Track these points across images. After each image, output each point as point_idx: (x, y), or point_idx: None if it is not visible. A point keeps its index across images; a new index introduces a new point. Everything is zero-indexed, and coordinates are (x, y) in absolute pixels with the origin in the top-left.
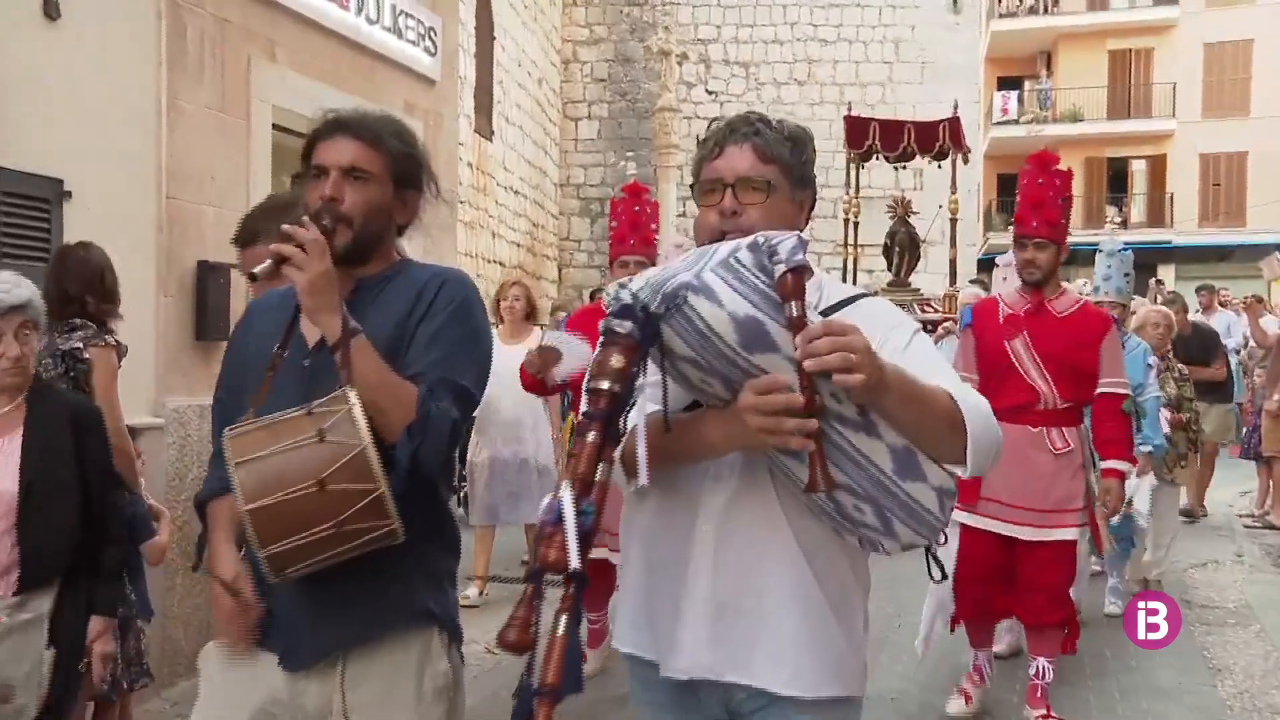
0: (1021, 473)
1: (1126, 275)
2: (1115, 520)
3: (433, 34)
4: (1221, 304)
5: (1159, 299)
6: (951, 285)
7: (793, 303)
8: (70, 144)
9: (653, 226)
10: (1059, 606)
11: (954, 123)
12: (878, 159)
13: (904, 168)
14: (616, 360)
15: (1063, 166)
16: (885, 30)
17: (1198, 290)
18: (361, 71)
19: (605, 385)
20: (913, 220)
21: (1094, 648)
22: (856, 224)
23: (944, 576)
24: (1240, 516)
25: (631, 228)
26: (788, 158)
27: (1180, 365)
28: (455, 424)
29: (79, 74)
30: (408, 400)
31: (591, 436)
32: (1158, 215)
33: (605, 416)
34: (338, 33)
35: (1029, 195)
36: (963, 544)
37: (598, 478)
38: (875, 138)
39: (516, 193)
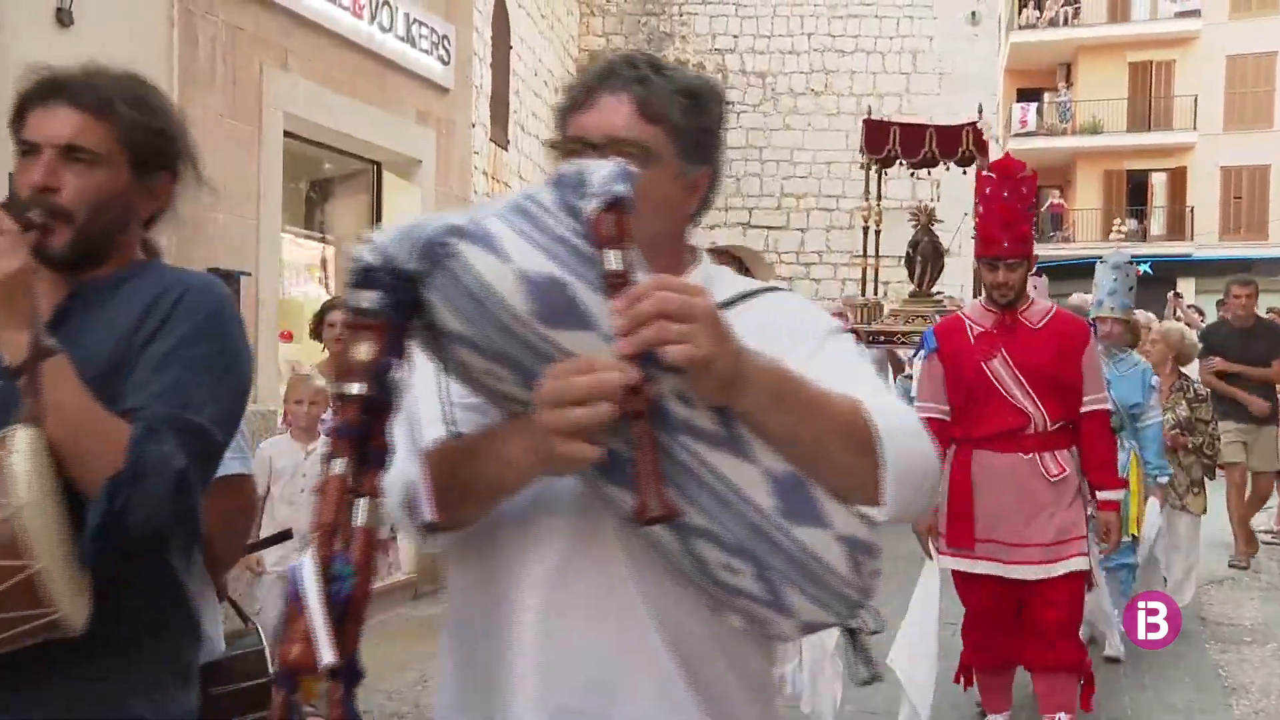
0: (1020, 506)
1: (1130, 289)
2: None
3: (446, 42)
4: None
5: (1178, 313)
6: (975, 298)
7: (611, 252)
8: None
9: None
10: (1072, 648)
11: (977, 127)
12: (900, 165)
13: (926, 175)
14: (363, 350)
15: (1081, 179)
16: (903, 41)
17: (1219, 303)
18: (374, 79)
19: (352, 389)
20: (936, 230)
21: (1106, 666)
22: (878, 233)
23: (872, 678)
24: (1259, 533)
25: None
26: (679, 118)
27: (1197, 384)
28: (181, 474)
29: None
30: (116, 443)
31: (339, 466)
32: (1178, 228)
33: (356, 433)
34: (350, 40)
35: (998, 212)
36: (962, 596)
37: (358, 522)
38: (896, 142)
39: None
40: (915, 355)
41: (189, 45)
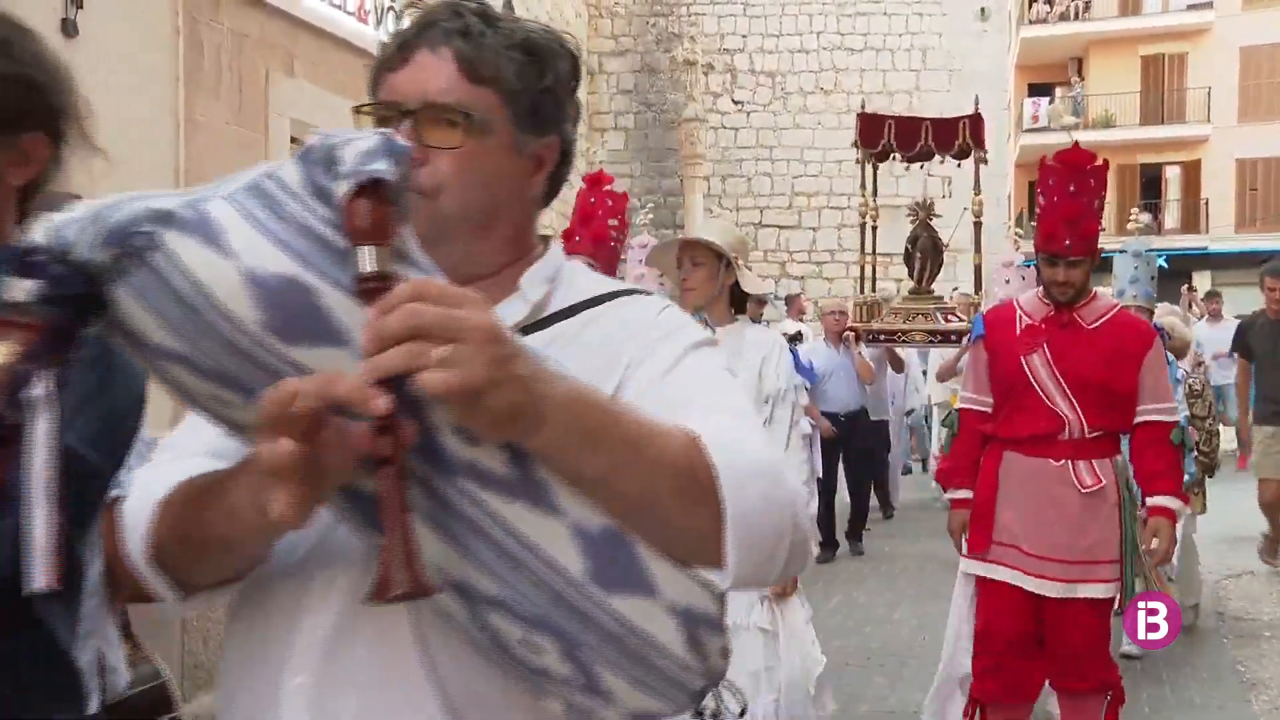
0: (1044, 513)
1: (1152, 278)
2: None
3: None
4: None
5: (1194, 306)
6: (976, 293)
7: (365, 249)
8: (87, 160)
9: (611, 223)
10: (1098, 668)
11: (974, 119)
12: (895, 159)
13: (930, 173)
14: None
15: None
16: (912, 38)
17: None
18: None
19: None
20: (936, 225)
21: (1123, 663)
22: (875, 229)
23: None
24: None
25: (581, 221)
26: (514, 79)
27: (1193, 378)
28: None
29: (96, 90)
30: None
31: None
32: (1192, 221)
33: None
34: (355, 45)
35: (1062, 208)
36: (980, 607)
37: None
38: (891, 136)
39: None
40: (966, 340)
41: (194, 52)
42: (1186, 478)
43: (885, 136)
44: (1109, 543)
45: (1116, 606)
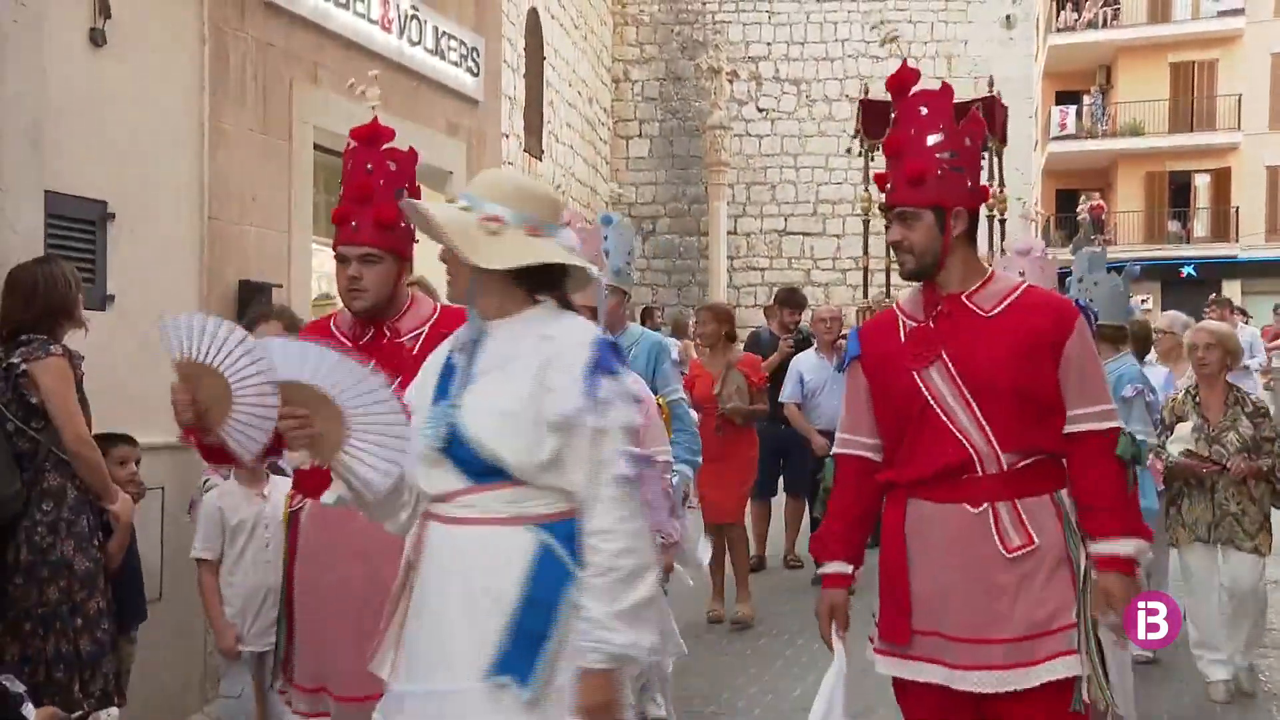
0: (969, 583)
1: (1126, 296)
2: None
3: (475, 55)
4: None
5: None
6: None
7: None
8: (115, 167)
9: (399, 193)
10: None
11: (989, 102)
12: None
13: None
14: None
15: (1123, 181)
16: (938, 46)
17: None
18: (404, 93)
19: None
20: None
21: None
22: (887, 226)
23: None
24: None
25: (357, 199)
26: None
27: (1254, 395)
28: None
29: (123, 99)
30: None
31: None
32: (1222, 230)
33: None
34: (380, 54)
35: (900, 134)
36: (905, 714)
37: None
38: None
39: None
40: (839, 367)
41: (220, 61)
42: (1144, 502)
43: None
44: (1062, 605)
45: (1084, 698)
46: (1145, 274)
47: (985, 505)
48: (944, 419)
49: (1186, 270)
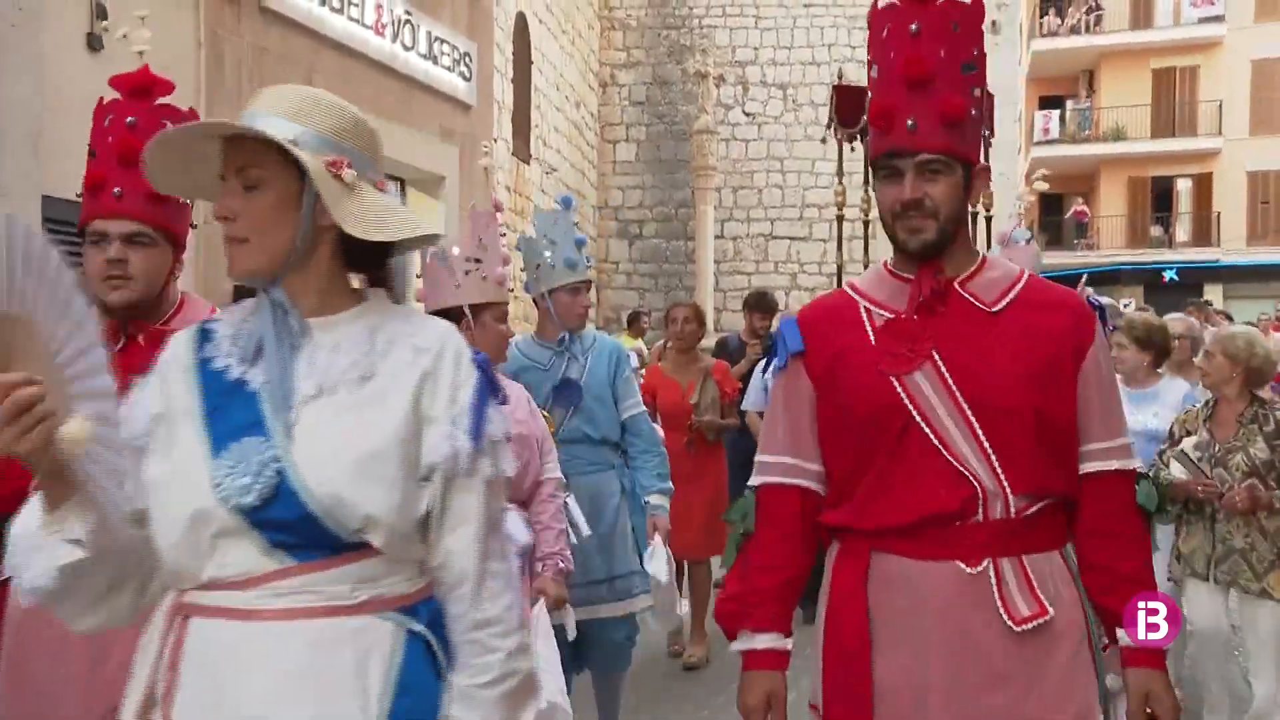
0: (961, 670)
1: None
2: None
3: (468, 59)
4: None
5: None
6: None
7: None
8: None
9: None
10: None
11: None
12: None
13: None
14: None
15: (1106, 186)
16: None
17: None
18: (398, 97)
19: None
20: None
21: None
22: (867, 223)
23: None
24: None
25: (122, 160)
26: None
27: (1278, 415)
28: None
29: None
30: None
31: None
32: (1204, 234)
33: None
34: (374, 59)
35: (900, 62)
36: None
37: None
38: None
39: None
40: (768, 370)
41: (216, 65)
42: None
43: (867, 113)
44: (1087, 711)
45: None
46: (1129, 278)
47: (986, 562)
48: (935, 443)
49: (1169, 275)
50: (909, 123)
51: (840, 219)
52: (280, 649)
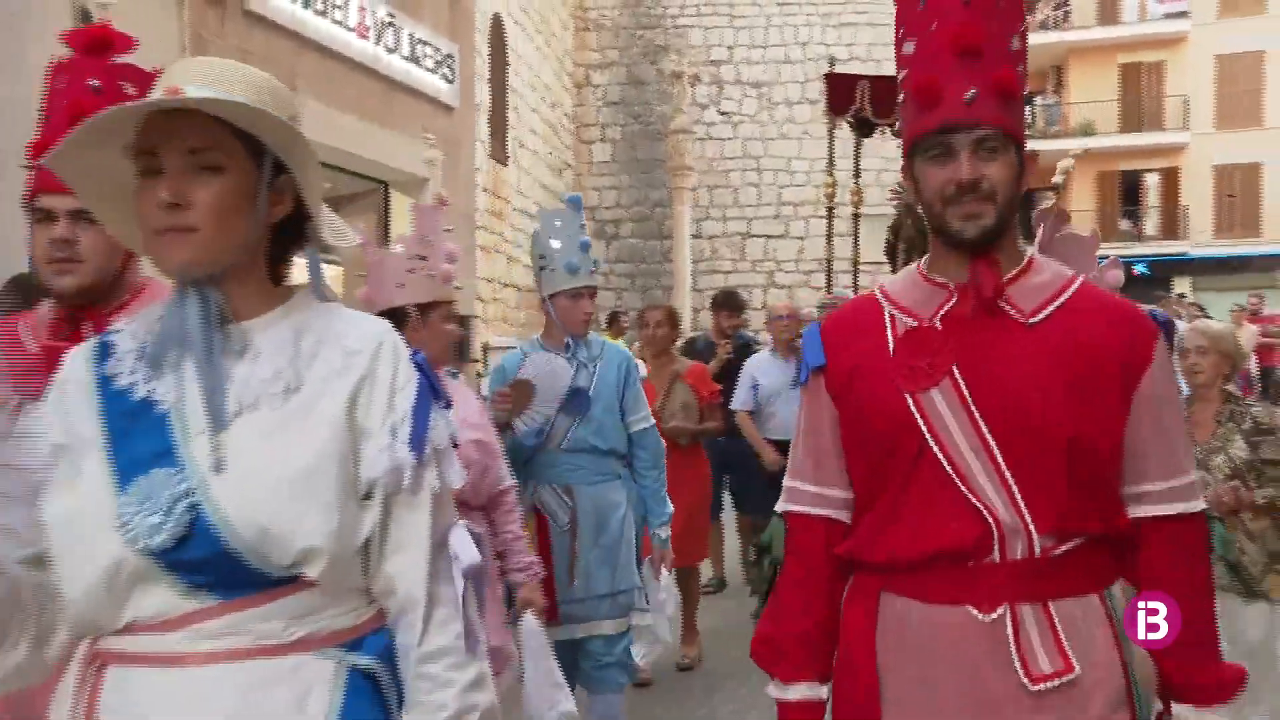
0: None
1: None
2: None
3: (450, 61)
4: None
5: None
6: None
7: None
8: None
9: None
10: None
11: None
12: (882, 135)
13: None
14: None
15: (1075, 180)
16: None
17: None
18: (380, 99)
19: None
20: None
21: None
22: (857, 215)
23: None
24: None
25: (75, 123)
26: None
27: (1256, 409)
28: None
29: None
30: None
31: None
32: (1172, 227)
33: None
34: (357, 62)
35: (951, 27)
36: None
37: None
38: (865, 100)
39: (532, 216)
40: (795, 384)
41: None
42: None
43: (858, 100)
44: None
45: None
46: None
47: (1002, 609)
48: (948, 470)
49: (1139, 268)
50: (967, 94)
51: (831, 213)
52: (209, 696)
